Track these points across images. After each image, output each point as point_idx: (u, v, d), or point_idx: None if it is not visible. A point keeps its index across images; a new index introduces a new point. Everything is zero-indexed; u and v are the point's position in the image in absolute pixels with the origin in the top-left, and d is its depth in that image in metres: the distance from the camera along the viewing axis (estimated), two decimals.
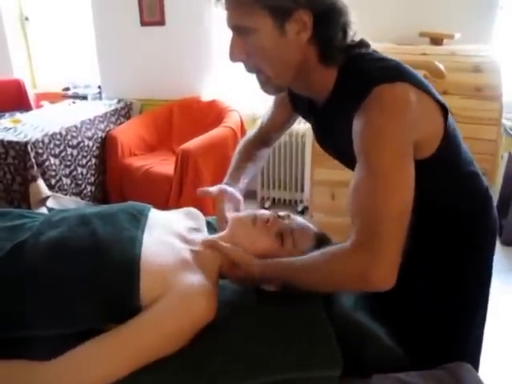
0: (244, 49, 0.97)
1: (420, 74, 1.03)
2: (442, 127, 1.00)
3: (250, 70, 1.02)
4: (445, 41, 2.50)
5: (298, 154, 3.35)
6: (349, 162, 1.13)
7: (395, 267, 0.86)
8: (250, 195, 3.47)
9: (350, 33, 0.98)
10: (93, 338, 0.88)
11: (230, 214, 1.19)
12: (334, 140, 1.11)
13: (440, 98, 1.00)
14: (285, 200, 3.53)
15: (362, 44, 1.01)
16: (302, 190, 3.44)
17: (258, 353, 0.95)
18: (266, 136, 1.45)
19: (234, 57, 0.99)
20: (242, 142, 1.48)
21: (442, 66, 2.10)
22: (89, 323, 0.91)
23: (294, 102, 1.24)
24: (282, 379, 0.93)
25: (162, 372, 0.89)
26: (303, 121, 3.49)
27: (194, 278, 0.98)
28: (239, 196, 1.30)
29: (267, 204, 3.52)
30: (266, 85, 1.04)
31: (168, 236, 1.08)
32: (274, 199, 3.57)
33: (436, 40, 2.51)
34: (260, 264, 1.03)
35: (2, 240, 1.01)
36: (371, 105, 0.91)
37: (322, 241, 1.15)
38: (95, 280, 0.93)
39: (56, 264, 0.95)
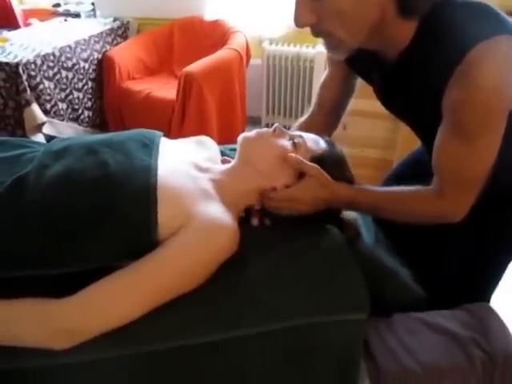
0: (314, 12, 0.85)
1: None
2: None
3: (318, 34, 0.90)
4: None
5: (306, 80, 3.19)
6: (417, 121, 1.08)
7: (469, 207, 0.97)
8: (254, 121, 3.35)
9: None
10: (111, 274, 0.83)
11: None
12: (406, 99, 1.00)
13: None
14: (290, 127, 3.40)
15: None
16: None
17: (281, 294, 0.90)
18: (326, 103, 1.28)
19: (301, 21, 0.87)
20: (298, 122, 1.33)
21: None
22: (103, 260, 0.86)
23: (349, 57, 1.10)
24: (305, 323, 0.88)
25: (186, 306, 0.85)
26: (311, 45, 3.30)
27: (215, 210, 0.92)
28: None
29: None
30: (337, 49, 0.93)
31: (183, 165, 1.00)
32: None
33: None
34: (347, 187, 1.03)
35: (0, 173, 0.92)
36: (470, 73, 0.82)
37: (334, 148, 1.09)
38: (109, 213, 0.85)
39: (64, 198, 0.87)
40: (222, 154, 1.24)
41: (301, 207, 1.01)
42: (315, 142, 1.07)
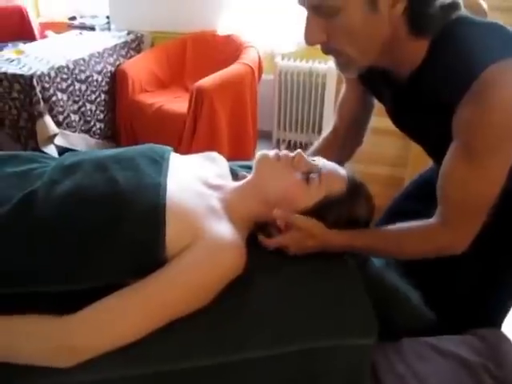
0: (325, 30, 0.84)
1: None
2: None
3: (328, 51, 0.89)
4: None
5: (318, 95, 3.18)
6: (428, 141, 1.06)
7: (473, 237, 0.94)
8: (265, 136, 3.35)
9: None
10: (117, 291, 0.82)
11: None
12: (417, 118, 0.98)
13: None
14: (301, 143, 3.40)
15: (454, 6, 0.86)
16: (320, 133, 3.30)
17: (288, 318, 0.88)
18: (345, 121, 1.27)
19: (311, 40, 0.87)
20: (316, 143, 1.31)
21: (485, 5, 1.91)
22: (111, 277, 0.85)
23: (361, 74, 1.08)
24: (310, 348, 0.86)
25: (192, 327, 0.84)
26: (324, 60, 3.29)
27: (224, 229, 0.91)
28: None
29: (283, 147, 3.39)
30: (348, 67, 0.92)
31: (193, 182, 0.99)
32: (289, 142, 3.44)
33: None
34: (341, 235, 0.99)
35: (10, 188, 0.92)
36: (482, 94, 0.80)
37: (354, 186, 1.04)
38: (117, 231, 0.85)
39: (73, 214, 0.87)
40: (231, 170, 1.23)
41: (292, 253, 0.99)
42: (332, 178, 1.02)
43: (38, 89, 2.49)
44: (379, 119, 1.29)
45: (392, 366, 0.96)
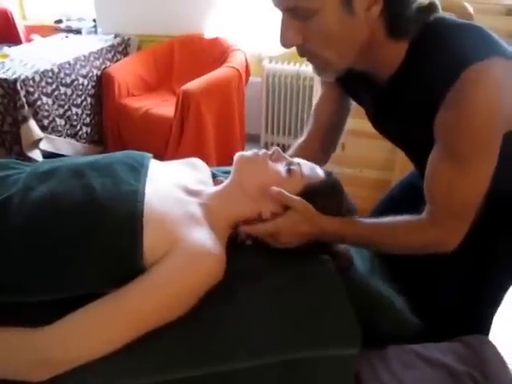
0: (300, 32, 0.84)
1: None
2: None
3: (304, 54, 0.89)
4: None
5: (305, 99, 3.18)
6: (409, 144, 1.06)
7: (463, 234, 0.93)
8: (253, 139, 3.34)
9: None
10: (94, 301, 0.80)
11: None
12: (397, 121, 0.97)
13: None
14: (289, 146, 3.37)
15: (432, 8, 0.86)
16: None
17: (269, 329, 0.87)
18: (321, 125, 1.25)
19: (287, 42, 0.86)
20: (296, 144, 1.30)
21: (470, 8, 1.92)
22: (88, 287, 0.83)
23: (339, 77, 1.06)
24: (293, 358, 0.85)
25: (174, 339, 0.83)
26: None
27: (203, 235, 0.89)
28: None
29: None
30: (325, 70, 0.92)
31: (172, 188, 0.97)
32: (278, 145, 3.42)
33: None
34: (334, 221, 0.98)
35: None
36: (463, 96, 0.80)
37: (331, 178, 1.05)
38: (93, 239, 0.84)
39: (48, 222, 0.85)
40: (214, 176, 1.21)
41: (283, 240, 0.97)
42: (312, 170, 1.04)
43: (22, 93, 2.46)
44: (365, 122, 1.29)
45: (376, 375, 0.95)
